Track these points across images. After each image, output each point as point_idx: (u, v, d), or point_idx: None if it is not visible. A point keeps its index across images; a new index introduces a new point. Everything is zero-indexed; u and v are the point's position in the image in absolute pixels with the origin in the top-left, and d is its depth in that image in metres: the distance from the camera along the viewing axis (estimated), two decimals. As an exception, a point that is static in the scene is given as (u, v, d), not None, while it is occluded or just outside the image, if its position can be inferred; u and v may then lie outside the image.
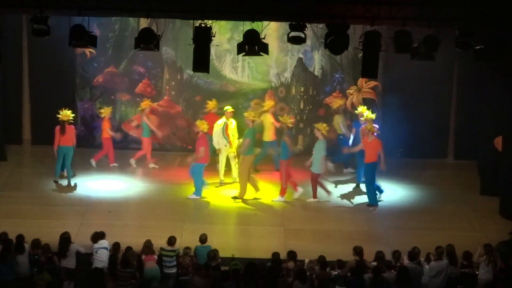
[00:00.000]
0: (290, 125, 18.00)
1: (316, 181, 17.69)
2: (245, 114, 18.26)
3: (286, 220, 16.89)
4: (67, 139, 18.01)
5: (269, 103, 19.50)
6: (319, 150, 17.47)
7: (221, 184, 18.55)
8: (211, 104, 19.24)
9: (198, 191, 17.71)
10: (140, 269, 13.69)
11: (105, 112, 19.29)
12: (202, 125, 17.73)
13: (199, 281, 13.13)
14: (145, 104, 19.42)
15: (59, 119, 18.08)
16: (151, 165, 19.46)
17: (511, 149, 17.17)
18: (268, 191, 18.15)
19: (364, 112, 18.48)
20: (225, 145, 18.41)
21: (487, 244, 14.10)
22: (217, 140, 18.33)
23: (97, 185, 18.32)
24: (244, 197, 17.71)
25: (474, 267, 13.85)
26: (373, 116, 18.32)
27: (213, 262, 13.68)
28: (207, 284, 13.09)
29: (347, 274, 13.43)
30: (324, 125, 17.72)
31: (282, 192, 17.77)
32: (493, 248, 13.99)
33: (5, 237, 13.85)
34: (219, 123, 18.44)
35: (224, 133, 18.37)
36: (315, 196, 17.76)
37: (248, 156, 17.69)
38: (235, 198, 17.73)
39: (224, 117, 18.56)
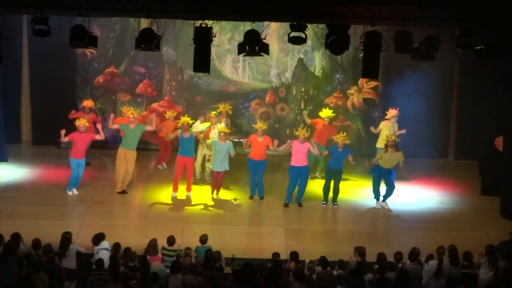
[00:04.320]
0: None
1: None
2: (122, 109, 18.65)
3: (287, 221, 16.88)
4: None
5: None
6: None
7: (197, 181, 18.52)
8: None
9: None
10: (146, 269, 13.64)
11: (171, 114, 18.89)
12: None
13: (193, 280, 13.12)
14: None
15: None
16: None
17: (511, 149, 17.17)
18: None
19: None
20: (202, 146, 18.47)
21: (489, 245, 14.08)
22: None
23: (97, 186, 18.33)
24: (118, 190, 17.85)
25: (475, 267, 13.83)
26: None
27: (217, 263, 13.66)
28: (200, 283, 13.07)
29: (348, 274, 13.41)
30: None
31: (175, 188, 17.82)
32: (494, 248, 13.98)
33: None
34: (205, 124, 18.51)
35: (205, 136, 18.27)
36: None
37: (120, 147, 17.79)
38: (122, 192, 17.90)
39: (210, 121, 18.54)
